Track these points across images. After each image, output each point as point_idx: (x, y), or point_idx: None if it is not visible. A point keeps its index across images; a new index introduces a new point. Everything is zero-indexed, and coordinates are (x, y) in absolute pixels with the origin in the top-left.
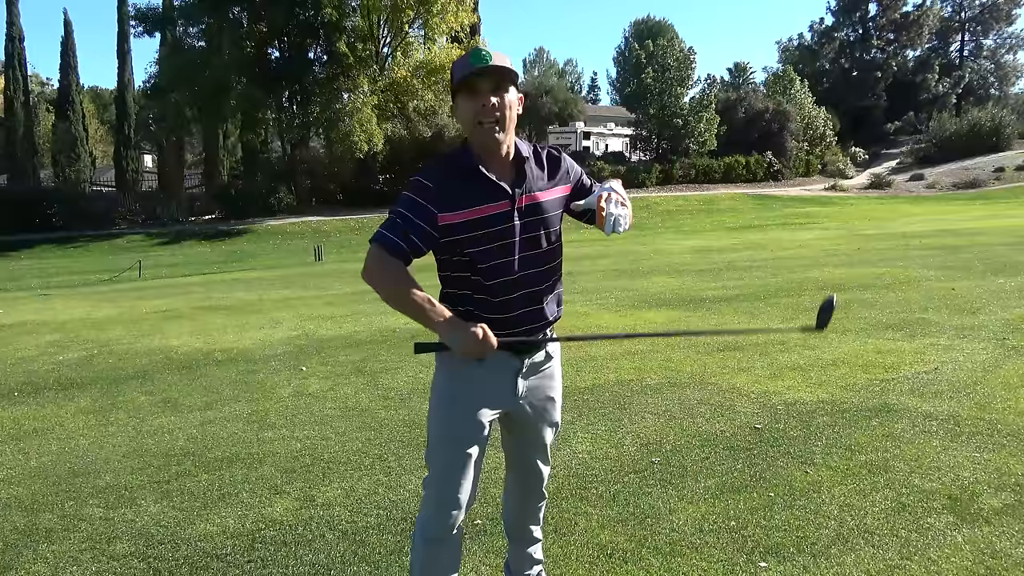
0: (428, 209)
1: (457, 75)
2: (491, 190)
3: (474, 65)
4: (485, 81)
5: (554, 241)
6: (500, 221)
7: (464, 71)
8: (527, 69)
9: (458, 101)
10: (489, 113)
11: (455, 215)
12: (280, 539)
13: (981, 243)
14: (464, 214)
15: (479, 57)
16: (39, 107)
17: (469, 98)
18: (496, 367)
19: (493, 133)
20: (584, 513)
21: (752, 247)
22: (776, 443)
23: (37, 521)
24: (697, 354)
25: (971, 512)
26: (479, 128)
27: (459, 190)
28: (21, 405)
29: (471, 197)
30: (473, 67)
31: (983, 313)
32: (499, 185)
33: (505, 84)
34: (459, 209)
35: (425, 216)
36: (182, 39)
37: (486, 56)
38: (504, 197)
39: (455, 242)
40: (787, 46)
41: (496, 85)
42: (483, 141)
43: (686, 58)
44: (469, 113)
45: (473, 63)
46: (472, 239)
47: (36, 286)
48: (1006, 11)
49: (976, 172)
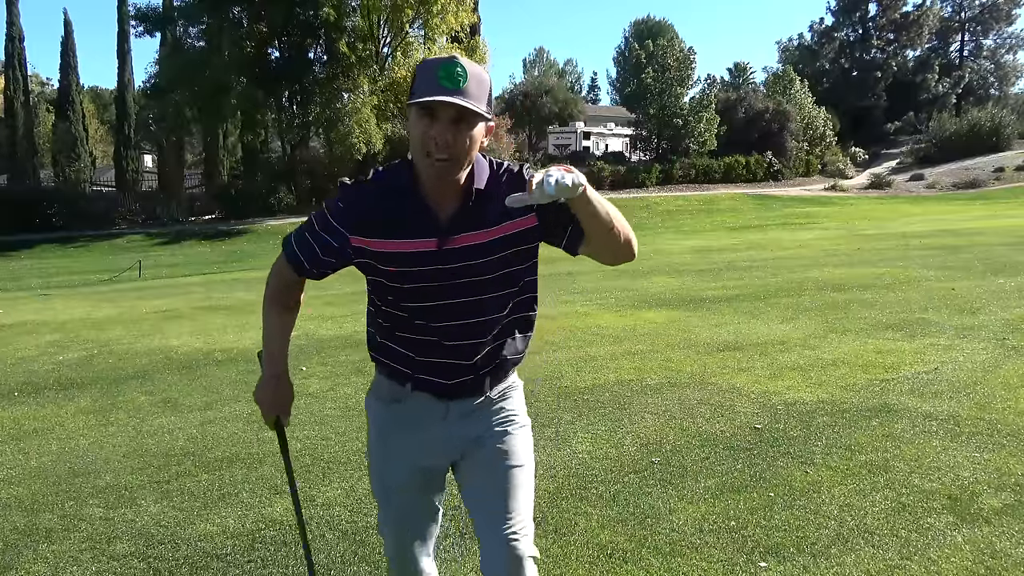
0: (340, 232)
1: (419, 89)
2: (419, 222)
3: (441, 87)
4: (449, 109)
5: (501, 289)
6: (423, 261)
7: (427, 90)
8: (527, 69)
9: (411, 115)
10: (442, 149)
11: (371, 241)
12: (280, 539)
13: (981, 243)
14: (381, 243)
15: (451, 77)
16: (39, 107)
17: (424, 122)
18: (416, 410)
19: (443, 171)
20: (584, 513)
21: (752, 247)
22: (776, 443)
23: (37, 521)
24: (697, 354)
25: (971, 512)
26: (426, 160)
27: (382, 215)
28: (21, 405)
29: (394, 226)
30: (439, 90)
31: (983, 313)
32: (431, 217)
33: (474, 119)
34: (376, 237)
35: (335, 238)
36: (182, 39)
37: (459, 77)
38: (432, 234)
39: (370, 265)
40: (787, 46)
41: (461, 116)
42: (428, 175)
43: (686, 58)
44: (421, 139)
45: (442, 84)
46: (389, 273)
47: (36, 286)
48: (1006, 11)
49: (976, 172)
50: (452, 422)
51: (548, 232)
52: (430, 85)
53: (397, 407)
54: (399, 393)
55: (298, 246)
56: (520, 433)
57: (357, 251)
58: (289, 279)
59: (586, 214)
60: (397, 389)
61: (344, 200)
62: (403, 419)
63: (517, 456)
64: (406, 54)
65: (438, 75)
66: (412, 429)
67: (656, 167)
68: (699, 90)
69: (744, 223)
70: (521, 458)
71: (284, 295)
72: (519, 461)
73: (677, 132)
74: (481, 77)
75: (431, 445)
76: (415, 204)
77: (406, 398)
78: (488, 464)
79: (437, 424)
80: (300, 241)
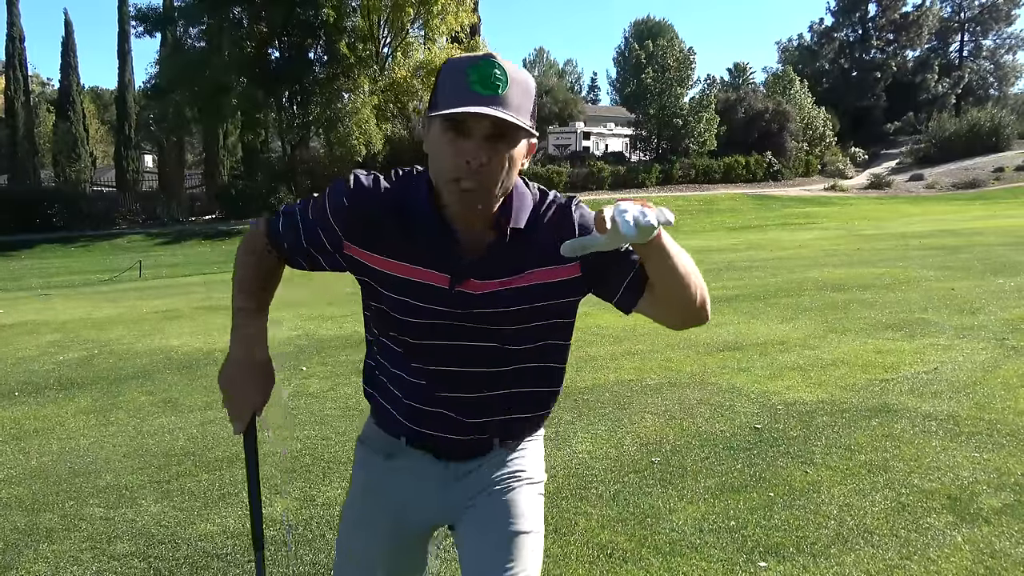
0: (334, 231)
1: (444, 96)
2: (435, 249)
3: (474, 94)
4: (484, 123)
5: (526, 342)
6: (429, 296)
7: (456, 97)
8: (527, 69)
9: (432, 128)
10: (473, 174)
11: (370, 256)
12: (280, 539)
13: (981, 243)
14: (383, 262)
15: (486, 81)
16: (40, 107)
17: (449, 138)
18: (410, 471)
19: (471, 201)
20: (584, 513)
21: (752, 247)
22: (776, 443)
23: (38, 521)
24: (697, 354)
25: (971, 512)
26: (452, 185)
27: (393, 228)
28: (21, 405)
29: (403, 246)
30: (471, 97)
31: (983, 313)
32: (450, 246)
33: (516, 135)
34: (378, 252)
35: (328, 235)
36: (182, 39)
37: (497, 82)
38: (447, 268)
39: (369, 286)
40: (787, 46)
41: (501, 132)
42: (453, 203)
43: (686, 58)
44: (445, 161)
45: (475, 89)
46: (389, 299)
47: (36, 286)
48: (1006, 11)
49: (976, 172)
50: (449, 485)
51: (597, 283)
52: (459, 91)
53: (388, 463)
54: (392, 446)
55: (283, 227)
56: (526, 490)
57: (351, 262)
58: (262, 253)
59: (658, 263)
60: (390, 441)
61: (352, 197)
62: (393, 480)
63: (520, 517)
64: (406, 54)
65: (470, 78)
66: (403, 492)
67: (656, 167)
68: (699, 90)
69: (744, 223)
70: (525, 521)
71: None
72: (522, 524)
73: (677, 132)
74: (525, 82)
75: (422, 512)
76: (434, 226)
77: (400, 453)
78: (484, 527)
79: (433, 488)
80: (287, 223)
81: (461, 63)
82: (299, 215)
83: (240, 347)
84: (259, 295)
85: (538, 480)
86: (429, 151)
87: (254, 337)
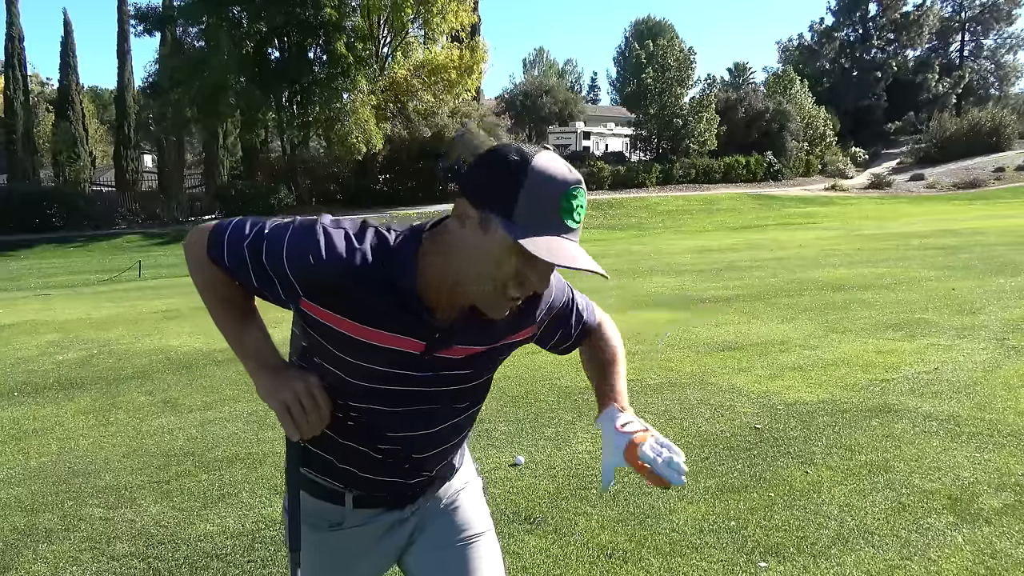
0: (292, 288)
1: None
2: (410, 319)
3: (566, 227)
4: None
5: (478, 396)
6: (399, 362)
7: (547, 223)
8: (527, 69)
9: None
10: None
11: (333, 317)
12: (280, 539)
13: (981, 243)
14: (349, 325)
15: (578, 212)
16: (39, 107)
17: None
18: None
19: (506, 310)
20: (584, 513)
21: (752, 247)
22: (776, 443)
23: (37, 521)
24: (697, 354)
25: (971, 512)
26: (497, 295)
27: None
28: (21, 405)
29: (375, 314)
30: (563, 228)
31: (983, 313)
32: (426, 317)
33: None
34: (343, 315)
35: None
36: (182, 39)
37: (582, 210)
38: (423, 336)
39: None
40: (787, 46)
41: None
42: (493, 310)
43: (686, 58)
44: (507, 279)
45: (565, 221)
46: (346, 364)
47: (36, 286)
48: (1006, 11)
49: (976, 172)
50: (395, 527)
51: (545, 338)
52: (550, 219)
53: (335, 535)
54: (336, 515)
55: (230, 260)
56: (469, 494)
57: (308, 319)
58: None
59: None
60: (333, 511)
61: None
62: (342, 549)
63: (471, 524)
64: (406, 54)
65: (562, 206)
66: (354, 554)
67: (656, 167)
68: (699, 90)
69: (744, 223)
70: (477, 523)
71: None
72: (475, 529)
73: (677, 132)
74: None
75: (376, 560)
76: (411, 302)
77: (346, 519)
78: (438, 545)
79: (384, 534)
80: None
81: (555, 183)
82: (247, 254)
83: (252, 362)
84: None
85: (474, 481)
86: (480, 253)
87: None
